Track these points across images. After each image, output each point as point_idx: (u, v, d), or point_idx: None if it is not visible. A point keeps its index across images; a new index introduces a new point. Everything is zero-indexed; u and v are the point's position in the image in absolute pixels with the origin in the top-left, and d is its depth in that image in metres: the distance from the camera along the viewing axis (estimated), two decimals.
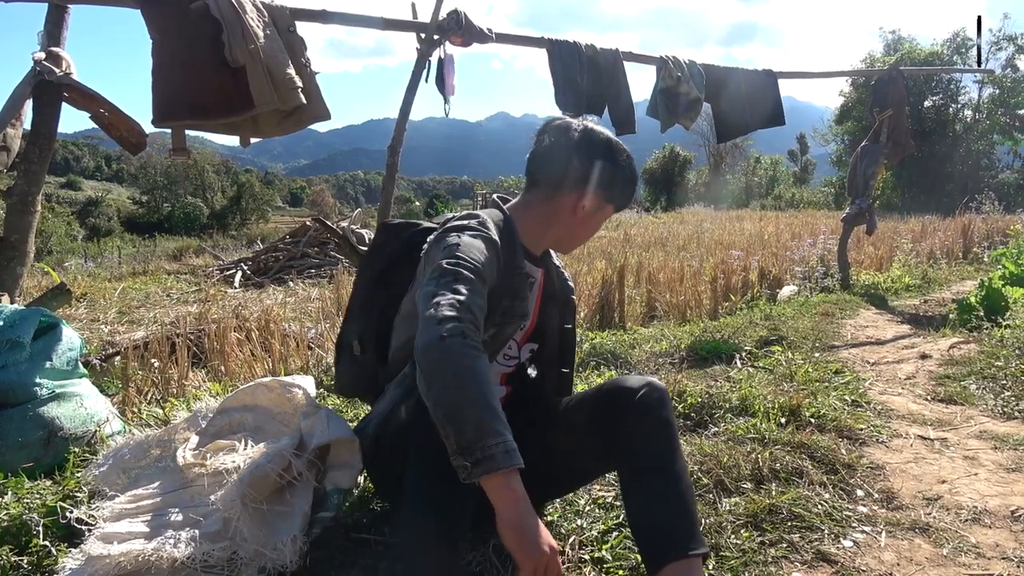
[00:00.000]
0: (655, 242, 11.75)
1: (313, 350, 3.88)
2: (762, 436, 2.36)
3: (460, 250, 1.43)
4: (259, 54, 2.79)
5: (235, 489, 1.51)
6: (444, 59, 3.55)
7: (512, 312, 1.62)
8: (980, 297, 4.84)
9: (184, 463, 1.69)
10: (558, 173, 1.66)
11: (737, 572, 1.66)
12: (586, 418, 1.62)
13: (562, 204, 1.67)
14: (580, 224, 1.71)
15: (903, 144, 6.32)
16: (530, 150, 1.72)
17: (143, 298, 8.56)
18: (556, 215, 1.68)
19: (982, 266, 8.32)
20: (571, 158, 1.65)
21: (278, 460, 1.60)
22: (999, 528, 1.95)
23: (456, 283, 1.35)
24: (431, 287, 1.36)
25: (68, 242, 28.85)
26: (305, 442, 1.70)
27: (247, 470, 1.57)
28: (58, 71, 2.61)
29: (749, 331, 4.49)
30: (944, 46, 28.27)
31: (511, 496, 1.21)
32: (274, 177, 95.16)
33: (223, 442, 1.76)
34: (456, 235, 1.48)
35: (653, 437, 1.48)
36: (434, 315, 1.29)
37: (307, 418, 1.77)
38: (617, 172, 1.67)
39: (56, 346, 2.31)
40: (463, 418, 1.22)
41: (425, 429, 1.33)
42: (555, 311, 1.82)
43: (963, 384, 3.30)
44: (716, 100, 4.69)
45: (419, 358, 1.27)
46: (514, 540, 1.20)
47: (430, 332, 1.27)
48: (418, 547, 1.32)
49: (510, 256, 1.59)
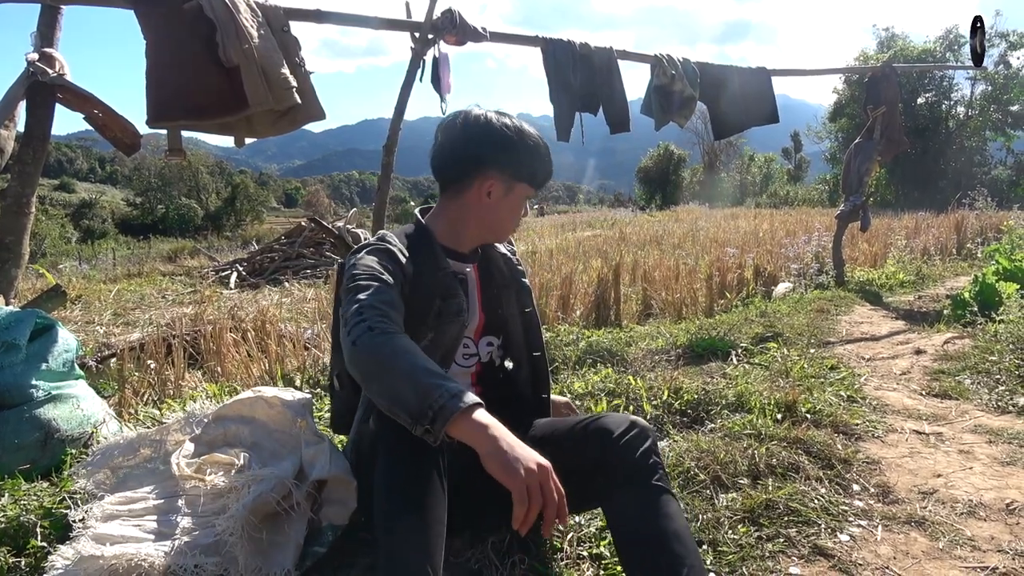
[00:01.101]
0: (650, 240, 11.78)
1: (309, 350, 3.87)
2: (758, 432, 2.37)
3: (356, 269, 1.49)
4: (253, 54, 2.79)
5: (240, 516, 1.51)
6: (439, 58, 3.55)
7: (447, 311, 1.61)
8: (974, 292, 4.86)
9: (180, 473, 1.68)
10: (456, 168, 1.67)
11: (734, 567, 1.67)
12: (565, 460, 1.45)
13: (469, 196, 1.67)
14: (494, 209, 1.69)
15: (897, 141, 6.35)
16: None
17: (138, 300, 8.56)
18: (468, 208, 1.68)
19: (976, 262, 8.36)
20: (462, 149, 1.65)
21: (279, 488, 1.60)
22: (994, 521, 1.97)
23: (356, 295, 1.40)
24: (342, 311, 1.41)
25: (62, 244, 28.80)
26: (305, 471, 1.71)
27: (251, 497, 1.55)
28: (51, 72, 2.60)
29: (745, 328, 4.51)
30: (937, 43, 28.35)
31: (480, 431, 1.21)
32: (269, 178, 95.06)
33: (221, 456, 1.74)
34: (353, 259, 1.54)
35: (642, 502, 1.42)
36: (344, 328, 1.35)
37: (309, 447, 1.76)
38: (512, 148, 1.64)
39: (52, 348, 2.30)
40: (401, 394, 1.24)
41: (388, 433, 1.36)
42: (510, 298, 1.82)
43: (958, 379, 3.31)
44: (710, 98, 4.71)
45: (350, 369, 1.33)
46: (499, 468, 1.19)
47: (346, 344, 1.33)
48: (394, 547, 1.30)
49: (428, 259, 1.62)
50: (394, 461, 1.36)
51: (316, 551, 1.62)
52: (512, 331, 1.81)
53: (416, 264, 1.58)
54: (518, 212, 1.75)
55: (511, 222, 1.76)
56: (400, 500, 1.32)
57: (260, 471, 1.68)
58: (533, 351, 1.85)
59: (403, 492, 1.33)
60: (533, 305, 1.88)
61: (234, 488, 1.59)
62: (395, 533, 1.29)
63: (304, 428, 1.83)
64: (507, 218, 1.74)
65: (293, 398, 1.90)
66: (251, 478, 1.64)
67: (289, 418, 1.86)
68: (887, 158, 6.78)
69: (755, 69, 4.98)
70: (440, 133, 1.69)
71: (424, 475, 1.33)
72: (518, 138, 1.64)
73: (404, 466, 1.34)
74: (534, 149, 1.67)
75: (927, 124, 27.47)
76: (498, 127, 1.63)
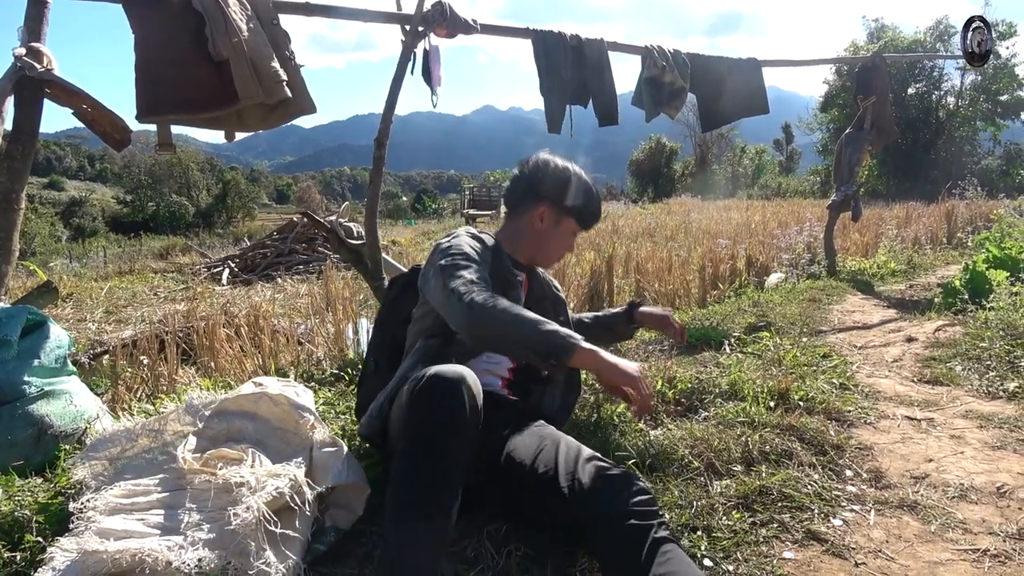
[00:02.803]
0: (643, 233, 11.79)
1: (303, 345, 3.87)
2: (752, 420, 2.38)
3: (452, 249, 1.81)
4: (243, 47, 2.77)
5: (257, 508, 1.51)
6: (429, 51, 3.54)
7: (508, 298, 1.74)
8: (965, 280, 4.89)
9: (188, 467, 1.67)
10: (519, 194, 2.06)
11: (729, 552, 1.68)
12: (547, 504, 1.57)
13: (527, 219, 2.05)
14: (545, 235, 2.05)
15: (887, 131, 6.37)
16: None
17: (130, 297, 8.52)
18: (524, 228, 2.06)
19: (966, 250, 8.40)
20: (527, 180, 2.05)
21: (294, 486, 1.61)
22: (985, 504, 1.99)
23: (459, 270, 1.72)
24: (438, 281, 1.73)
25: (52, 243, 28.62)
26: (316, 471, 1.73)
27: (268, 491, 1.56)
28: (39, 67, 2.58)
29: (737, 318, 4.53)
30: (927, 33, 28.45)
31: (593, 356, 1.57)
32: (260, 174, 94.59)
33: (229, 452, 1.73)
34: (447, 241, 1.87)
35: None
36: (452, 298, 1.65)
37: (323, 448, 1.79)
38: (565, 187, 2.01)
39: (44, 344, 2.29)
40: (528, 340, 1.57)
41: (414, 421, 1.46)
42: (547, 307, 2.09)
43: (949, 365, 3.34)
44: (701, 89, 4.70)
45: (466, 329, 1.67)
46: (618, 375, 1.57)
47: (458, 309, 1.64)
48: (401, 541, 1.35)
49: (496, 257, 1.95)
50: (413, 452, 1.41)
51: (316, 548, 1.64)
52: None
53: (491, 255, 1.93)
54: (564, 244, 2.12)
55: (556, 251, 2.13)
56: (413, 495, 1.38)
57: (274, 467, 1.68)
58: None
59: (417, 486, 1.38)
60: (567, 314, 2.20)
61: (246, 483, 1.59)
62: (403, 527, 1.34)
63: (314, 428, 1.83)
64: (553, 246, 2.10)
65: (298, 398, 1.90)
66: (267, 473, 1.64)
67: (295, 417, 1.86)
68: (878, 148, 6.81)
69: (746, 60, 4.98)
70: (516, 166, 2.11)
71: (442, 472, 1.39)
72: (573, 181, 2.02)
73: (421, 458, 1.40)
74: (585, 192, 2.04)
75: (917, 115, 27.60)
76: (559, 168, 2.03)
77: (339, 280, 6.73)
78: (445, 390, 1.41)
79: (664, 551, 1.36)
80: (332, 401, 2.72)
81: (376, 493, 1.74)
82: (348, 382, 3.06)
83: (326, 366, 3.43)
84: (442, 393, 1.41)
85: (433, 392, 1.42)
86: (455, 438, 1.41)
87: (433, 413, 1.42)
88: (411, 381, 1.51)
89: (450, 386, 1.41)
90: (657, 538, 1.37)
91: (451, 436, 1.41)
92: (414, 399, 1.45)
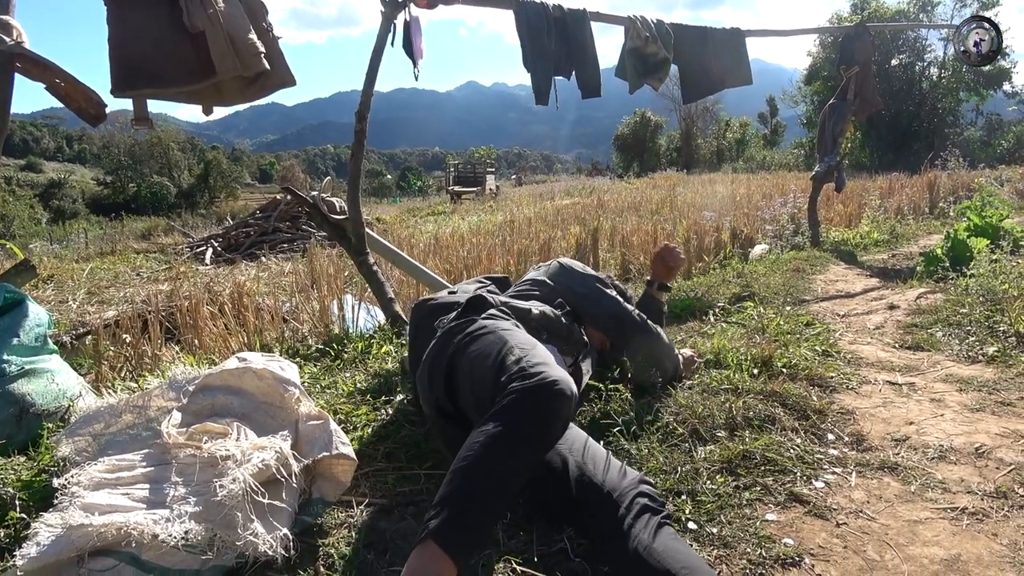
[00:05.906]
0: (628, 207, 11.78)
1: (288, 322, 3.85)
2: (736, 387, 2.41)
3: (633, 300, 2.74)
4: (219, 19, 2.72)
5: (243, 479, 1.51)
6: (410, 22, 3.49)
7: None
8: (946, 249, 4.93)
9: (173, 441, 1.67)
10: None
11: (713, 515, 1.70)
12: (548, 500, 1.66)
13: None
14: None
15: (871, 100, 6.37)
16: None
17: (112, 278, 8.43)
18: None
19: (948, 220, 8.47)
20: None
21: (280, 458, 1.61)
22: (964, 464, 2.02)
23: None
24: (651, 328, 2.48)
25: (32, 226, 28.14)
26: (302, 444, 1.73)
27: (254, 463, 1.56)
28: (8, 40, 2.51)
29: (722, 288, 4.55)
30: (910, 4, 28.39)
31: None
32: (241, 153, 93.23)
33: (214, 426, 1.73)
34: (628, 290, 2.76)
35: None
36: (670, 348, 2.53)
37: (309, 421, 1.79)
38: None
39: (23, 322, 2.26)
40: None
41: (526, 393, 1.46)
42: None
43: (930, 332, 3.38)
44: (684, 60, 4.67)
45: (670, 376, 2.51)
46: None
47: (671, 355, 2.55)
48: (490, 448, 1.38)
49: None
50: (515, 426, 1.42)
51: (304, 520, 1.65)
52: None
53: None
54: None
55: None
56: (503, 450, 1.40)
57: (260, 440, 1.68)
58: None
59: (507, 453, 1.39)
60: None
61: (232, 456, 1.59)
62: (491, 450, 1.37)
63: (299, 402, 1.83)
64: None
65: (283, 372, 1.89)
66: (252, 446, 1.64)
67: (279, 391, 1.85)
68: (861, 118, 6.81)
69: (730, 30, 4.95)
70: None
71: (523, 462, 1.42)
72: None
73: (519, 441, 1.42)
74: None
75: (901, 86, 27.64)
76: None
77: (324, 257, 6.69)
78: (564, 406, 1.44)
79: (661, 524, 1.46)
80: (318, 376, 2.71)
81: (363, 465, 1.75)
82: (333, 357, 3.05)
83: (311, 342, 3.42)
84: (559, 406, 1.44)
85: (554, 402, 1.43)
86: (544, 447, 1.48)
87: (548, 419, 1.44)
88: (533, 370, 1.49)
89: (568, 404, 1.45)
90: (658, 518, 1.46)
91: (543, 446, 1.48)
92: (536, 393, 1.44)
